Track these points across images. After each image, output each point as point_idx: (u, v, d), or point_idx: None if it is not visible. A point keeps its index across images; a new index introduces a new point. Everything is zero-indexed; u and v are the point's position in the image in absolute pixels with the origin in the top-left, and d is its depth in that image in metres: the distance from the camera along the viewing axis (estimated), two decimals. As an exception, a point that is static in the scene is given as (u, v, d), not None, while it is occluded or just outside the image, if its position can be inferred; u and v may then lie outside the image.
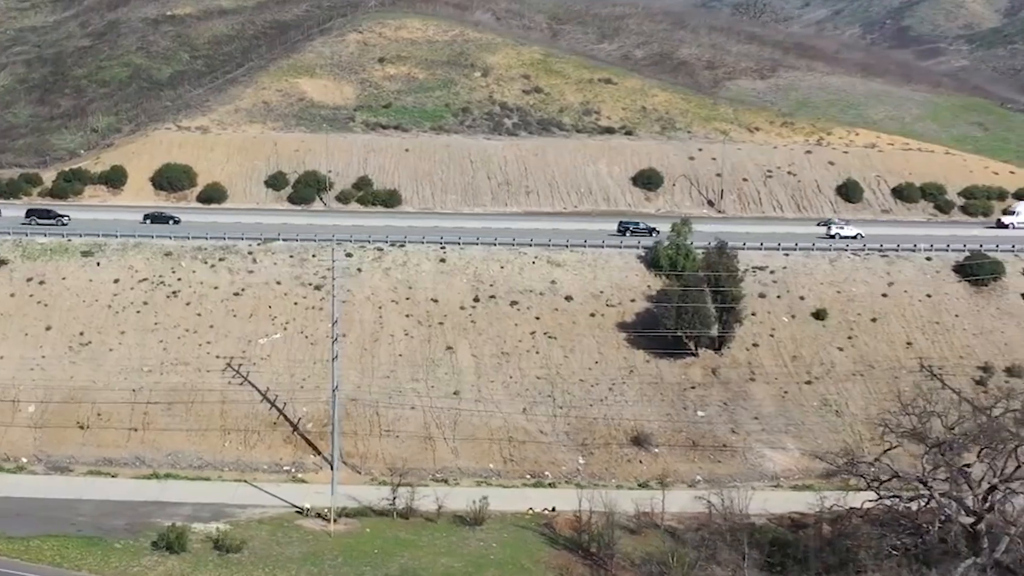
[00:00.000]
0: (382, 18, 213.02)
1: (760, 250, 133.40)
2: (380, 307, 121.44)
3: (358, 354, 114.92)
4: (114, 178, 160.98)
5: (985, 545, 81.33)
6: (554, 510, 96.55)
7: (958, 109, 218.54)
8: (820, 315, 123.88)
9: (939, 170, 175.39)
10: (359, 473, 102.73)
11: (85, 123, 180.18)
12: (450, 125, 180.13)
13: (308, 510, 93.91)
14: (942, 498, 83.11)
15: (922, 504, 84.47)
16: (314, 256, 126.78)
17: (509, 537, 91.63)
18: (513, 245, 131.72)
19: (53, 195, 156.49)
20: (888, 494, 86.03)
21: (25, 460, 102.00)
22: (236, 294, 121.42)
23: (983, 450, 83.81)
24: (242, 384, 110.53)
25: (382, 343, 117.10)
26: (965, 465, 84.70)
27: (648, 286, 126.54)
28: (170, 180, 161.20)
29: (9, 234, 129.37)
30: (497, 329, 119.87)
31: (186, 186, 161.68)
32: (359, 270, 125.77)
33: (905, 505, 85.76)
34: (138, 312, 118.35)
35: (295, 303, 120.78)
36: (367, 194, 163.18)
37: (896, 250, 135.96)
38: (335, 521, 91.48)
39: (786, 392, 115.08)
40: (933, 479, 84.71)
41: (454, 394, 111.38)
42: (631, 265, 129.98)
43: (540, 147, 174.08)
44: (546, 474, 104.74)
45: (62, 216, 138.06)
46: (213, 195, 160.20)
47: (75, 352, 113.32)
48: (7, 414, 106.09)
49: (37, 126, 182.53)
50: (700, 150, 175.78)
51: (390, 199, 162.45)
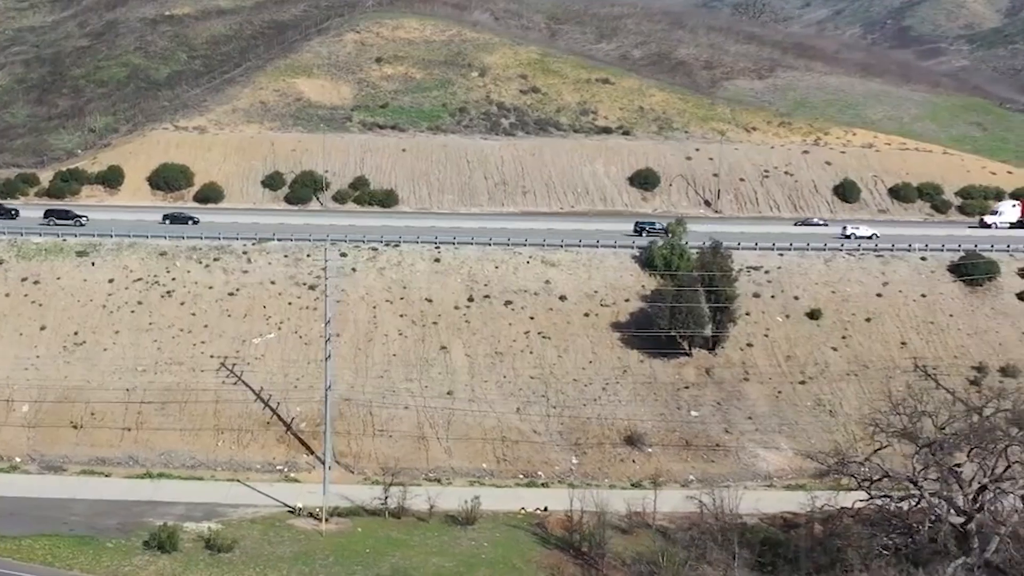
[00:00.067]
0: (379, 18, 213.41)
1: (755, 250, 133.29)
2: (374, 307, 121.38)
3: (352, 354, 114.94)
4: (111, 178, 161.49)
5: (975, 545, 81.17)
6: (546, 510, 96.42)
7: (957, 109, 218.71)
8: (814, 315, 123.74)
9: (936, 170, 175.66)
10: (352, 473, 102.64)
11: (83, 123, 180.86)
12: (447, 125, 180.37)
13: (300, 510, 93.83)
14: (932, 498, 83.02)
15: (913, 504, 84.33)
16: (309, 256, 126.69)
17: (501, 537, 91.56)
18: (508, 245, 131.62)
19: (50, 195, 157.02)
20: (879, 494, 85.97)
21: (19, 459, 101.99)
22: (231, 294, 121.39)
23: (972, 450, 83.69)
24: (236, 384, 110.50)
25: (376, 343, 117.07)
26: (956, 465, 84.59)
27: (643, 286, 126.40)
28: (167, 180, 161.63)
29: (4, 234, 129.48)
30: (491, 329, 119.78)
31: (183, 186, 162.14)
32: (354, 270, 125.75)
33: (896, 505, 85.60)
34: (132, 312, 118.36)
35: (289, 303, 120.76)
36: (364, 194, 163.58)
37: (891, 250, 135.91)
38: (327, 520, 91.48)
39: (780, 392, 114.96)
40: (924, 479, 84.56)
41: (448, 394, 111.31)
42: (626, 265, 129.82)
43: (537, 147, 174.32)
44: (539, 474, 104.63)
45: (80, 216, 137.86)
46: (210, 195, 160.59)
47: (69, 352, 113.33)
48: (1, 413, 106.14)
49: (35, 126, 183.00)
50: (697, 150, 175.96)
51: (387, 199, 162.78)
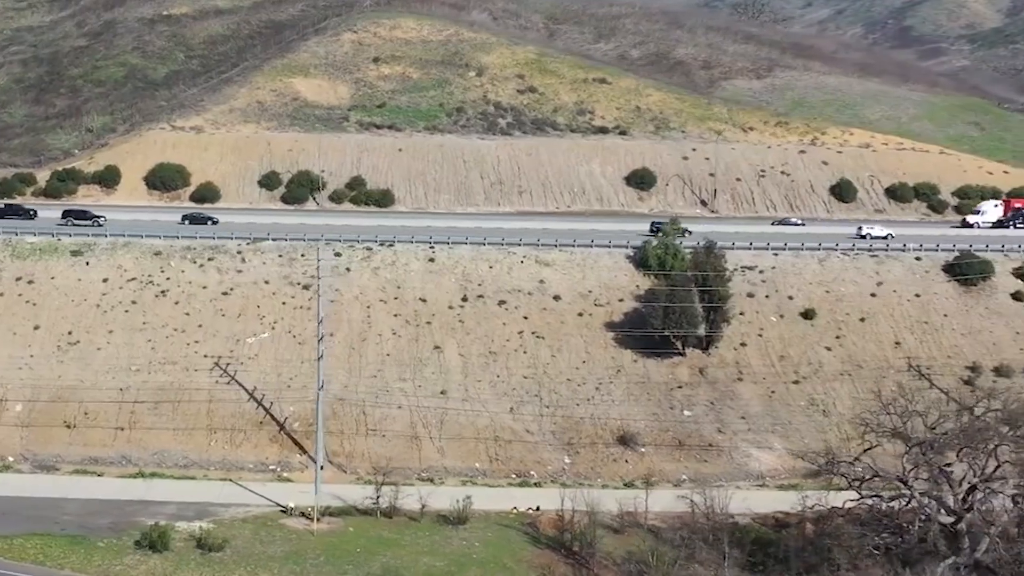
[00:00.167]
0: (377, 18, 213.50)
1: (749, 249, 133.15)
2: (368, 306, 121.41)
3: (346, 353, 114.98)
4: (107, 178, 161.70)
5: (965, 545, 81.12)
6: (538, 509, 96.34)
7: (955, 109, 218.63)
8: (808, 315, 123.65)
9: (933, 170, 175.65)
10: (345, 472, 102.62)
11: (80, 123, 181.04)
12: (444, 125, 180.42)
13: (292, 509, 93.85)
14: (922, 497, 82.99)
15: (903, 504, 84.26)
16: (303, 256, 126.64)
17: (492, 536, 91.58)
18: (502, 245, 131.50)
19: (47, 195, 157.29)
20: (869, 494, 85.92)
21: (11, 459, 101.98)
22: (225, 293, 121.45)
23: (962, 449, 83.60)
24: (229, 383, 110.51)
25: (370, 342, 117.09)
26: (946, 464, 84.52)
27: (637, 286, 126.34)
28: (163, 180, 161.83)
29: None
30: (485, 329, 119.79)
31: (179, 186, 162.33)
32: (348, 270, 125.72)
33: (887, 505, 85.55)
34: (126, 311, 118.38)
35: (283, 303, 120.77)
36: (360, 194, 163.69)
37: (886, 250, 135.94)
38: (319, 520, 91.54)
39: (773, 392, 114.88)
40: (915, 479, 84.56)
41: (441, 393, 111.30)
42: (620, 265, 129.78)
43: (533, 147, 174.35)
44: (532, 473, 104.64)
45: (98, 217, 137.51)
46: (206, 195, 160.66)
47: (63, 351, 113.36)
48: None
49: (32, 126, 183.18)
50: (694, 150, 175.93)
51: (383, 199, 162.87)
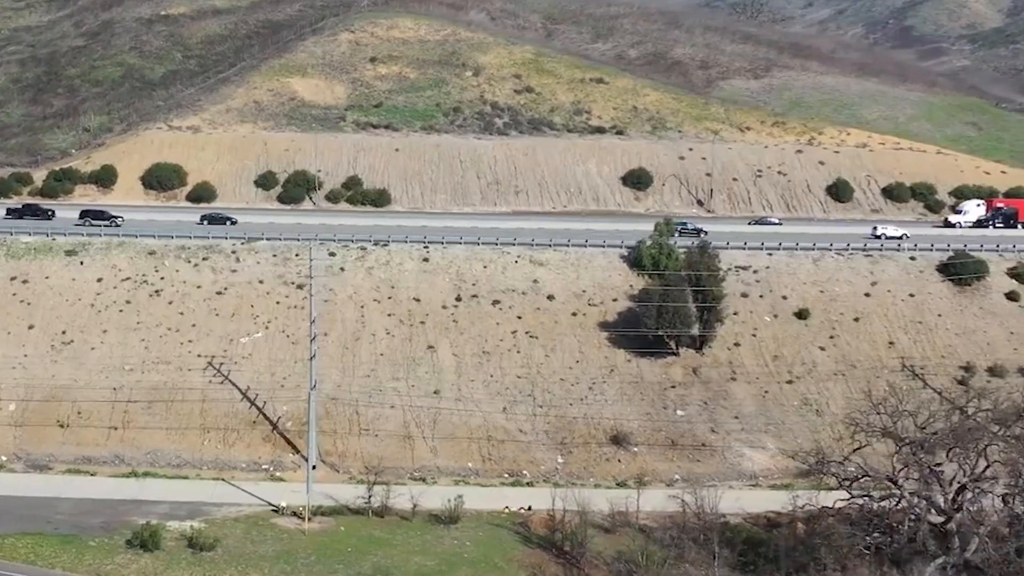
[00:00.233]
0: (374, 18, 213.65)
1: (744, 249, 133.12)
2: (362, 306, 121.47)
3: (339, 353, 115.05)
4: (104, 177, 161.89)
5: (955, 544, 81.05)
6: (530, 509, 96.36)
7: (953, 109, 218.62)
8: (802, 315, 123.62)
9: (930, 170, 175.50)
10: (337, 472, 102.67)
11: (77, 123, 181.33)
12: (441, 125, 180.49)
13: (284, 509, 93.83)
14: (912, 497, 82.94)
15: (893, 503, 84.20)
16: (297, 255, 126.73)
17: (484, 536, 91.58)
18: (496, 244, 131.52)
19: (43, 194, 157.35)
20: (860, 493, 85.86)
21: (4, 458, 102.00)
22: (219, 293, 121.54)
23: (951, 449, 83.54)
24: (223, 383, 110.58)
25: (363, 342, 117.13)
26: (936, 464, 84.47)
27: (631, 285, 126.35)
28: (160, 179, 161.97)
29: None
30: (478, 328, 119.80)
31: (176, 185, 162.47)
32: (342, 269, 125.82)
33: (878, 504, 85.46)
34: (120, 311, 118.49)
35: (277, 302, 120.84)
36: (356, 193, 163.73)
37: (880, 250, 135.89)
38: (310, 519, 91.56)
39: (767, 391, 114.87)
40: (906, 478, 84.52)
41: (434, 393, 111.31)
42: (614, 264, 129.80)
43: (530, 147, 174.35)
44: (524, 473, 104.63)
45: (116, 217, 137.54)
46: (203, 194, 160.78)
47: (57, 351, 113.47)
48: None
49: (30, 125, 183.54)
50: (690, 150, 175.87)
51: (379, 199, 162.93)
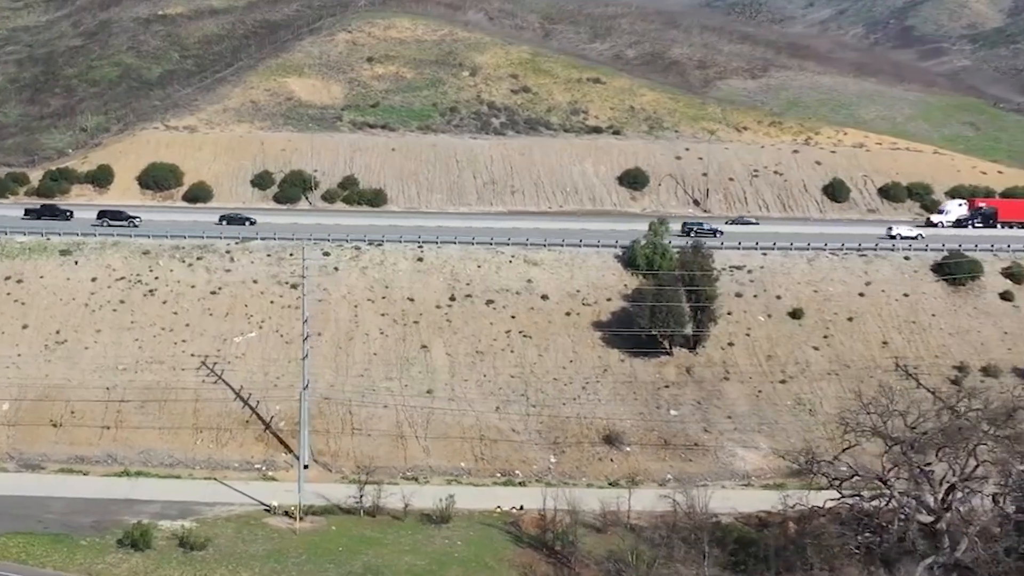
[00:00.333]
0: (371, 17, 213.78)
1: (738, 249, 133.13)
2: (356, 306, 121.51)
3: (333, 353, 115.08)
4: (100, 177, 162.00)
5: (945, 544, 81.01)
6: (521, 508, 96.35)
7: (951, 109, 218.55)
8: (796, 314, 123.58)
9: (927, 170, 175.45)
10: (330, 471, 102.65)
11: (74, 123, 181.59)
12: (437, 124, 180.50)
13: (275, 508, 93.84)
14: (902, 497, 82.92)
15: (883, 503, 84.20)
16: (291, 255, 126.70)
17: (475, 535, 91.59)
18: (491, 244, 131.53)
19: (39, 194, 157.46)
20: (850, 493, 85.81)
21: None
22: (213, 293, 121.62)
23: (942, 449, 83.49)
24: (216, 382, 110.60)
25: (357, 342, 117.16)
26: (927, 464, 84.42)
27: (624, 285, 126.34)
28: (156, 179, 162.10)
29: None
30: (472, 328, 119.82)
31: (172, 185, 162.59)
32: (336, 269, 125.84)
33: (869, 504, 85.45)
34: (115, 311, 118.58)
35: (271, 302, 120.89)
36: (353, 193, 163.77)
37: (874, 249, 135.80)
38: (301, 519, 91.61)
39: (760, 391, 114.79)
40: (896, 478, 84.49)
41: (427, 393, 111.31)
42: (608, 264, 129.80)
43: (526, 146, 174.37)
44: (517, 473, 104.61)
45: (134, 218, 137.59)
46: (199, 194, 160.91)
47: (51, 350, 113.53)
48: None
49: (27, 125, 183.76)
50: (687, 150, 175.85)
51: (376, 198, 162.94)
